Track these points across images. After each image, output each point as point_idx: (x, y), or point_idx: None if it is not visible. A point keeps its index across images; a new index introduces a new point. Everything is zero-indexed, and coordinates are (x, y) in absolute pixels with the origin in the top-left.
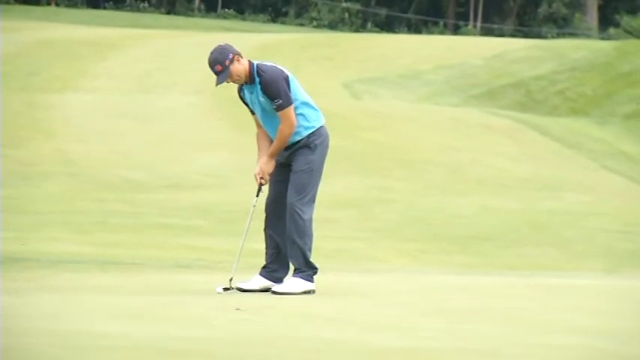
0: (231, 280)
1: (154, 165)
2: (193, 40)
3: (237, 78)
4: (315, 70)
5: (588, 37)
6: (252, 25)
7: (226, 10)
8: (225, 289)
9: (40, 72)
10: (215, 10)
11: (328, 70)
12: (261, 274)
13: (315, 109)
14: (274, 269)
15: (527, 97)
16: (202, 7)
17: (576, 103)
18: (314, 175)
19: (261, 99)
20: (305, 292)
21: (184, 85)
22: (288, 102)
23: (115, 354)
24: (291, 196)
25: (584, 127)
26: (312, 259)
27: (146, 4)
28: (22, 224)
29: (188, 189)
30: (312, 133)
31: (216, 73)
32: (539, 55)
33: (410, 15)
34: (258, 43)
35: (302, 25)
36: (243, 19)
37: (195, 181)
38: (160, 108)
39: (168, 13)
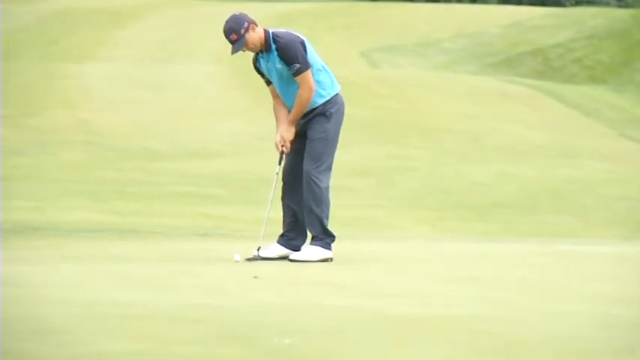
0: (259, 249)
1: (172, 134)
2: (211, 9)
3: (252, 46)
4: (332, 39)
5: (607, 4)
6: None
7: None
8: (250, 259)
9: (58, 41)
10: None
11: (346, 39)
12: (279, 242)
13: (331, 77)
14: (292, 237)
15: (544, 65)
16: None
17: (594, 71)
18: (330, 143)
19: (278, 66)
20: (322, 260)
21: (202, 54)
22: (306, 66)
23: (133, 322)
24: (307, 165)
25: (601, 95)
26: (330, 226)
27: None
28: (40, 193)
29: (206, 157)
30: (328, 101)
31: (232, 42)
32: (557, 23)
33: None
34: (275, 12)
35: None
36: None
37: (214, 149)
38: (178, 77)
39: None
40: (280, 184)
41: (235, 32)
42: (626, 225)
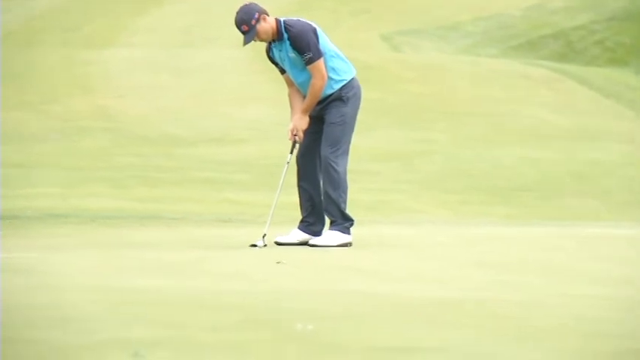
0: (264, 236)
1: (194, 119)
2: None
3: (264, 36)
4: (353, 23)
5: None
6: None
7: None
8: (253, 245)
9: (79, 28)
10: None
11: (367, 23)
12: (299, 228)
13: (346, 62)
14: (311, 222)
15: (566, 48)
16: None
17: (615, 53)
18: (347, 127)
19: (291, 55)
20: (342, 245)
21: (224, 39)
22: (318, 55)
23: (156, 309)
24: (325, 149)
25: (623, 77)
26: (349, 210)
27: None
28: (62, 180)
29: (229, 143)
30: (344, 85)
31: (243, 33)
32: (578, 5)
33: None
34: None
35: None
36: None
37: (237, 135)
38: (200, 62)
39: None
40: (291, 171)
41: (246, 23)
42: None
